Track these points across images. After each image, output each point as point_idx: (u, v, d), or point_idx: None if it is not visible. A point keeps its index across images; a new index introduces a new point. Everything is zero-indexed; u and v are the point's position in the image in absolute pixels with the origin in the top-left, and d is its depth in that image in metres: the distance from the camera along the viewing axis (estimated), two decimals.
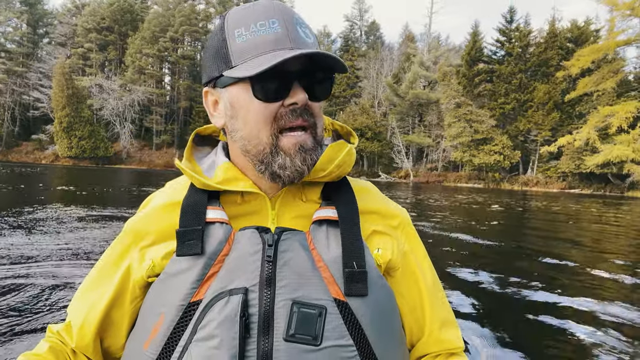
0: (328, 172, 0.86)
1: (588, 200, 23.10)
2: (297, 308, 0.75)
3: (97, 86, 61.16)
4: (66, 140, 56.37)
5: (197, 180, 0.85)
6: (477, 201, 18.01)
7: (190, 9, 65.69)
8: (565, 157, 37.95)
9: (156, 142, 62.46)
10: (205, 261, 0.79)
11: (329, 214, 0.85)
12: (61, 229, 5.90)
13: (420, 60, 52.42)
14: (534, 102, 41.82)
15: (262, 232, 0.82)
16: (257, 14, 0.80)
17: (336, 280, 0.80)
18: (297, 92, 0.79)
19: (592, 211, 15.47)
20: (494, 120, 42.68)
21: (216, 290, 0.77)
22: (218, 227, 0.82)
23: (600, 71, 37.00)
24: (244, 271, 0.78)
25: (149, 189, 15.28)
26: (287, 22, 0.79)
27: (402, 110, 51.69)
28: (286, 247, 0.80)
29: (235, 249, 0.80)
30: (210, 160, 0.94)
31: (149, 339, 0.80)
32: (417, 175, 48.04)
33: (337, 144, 0.89)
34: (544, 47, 43.68)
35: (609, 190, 36.24)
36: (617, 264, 5.40)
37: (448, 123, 43.75)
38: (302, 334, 0.74)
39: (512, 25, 47.12)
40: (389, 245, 0.89)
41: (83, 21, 66.68)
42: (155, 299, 0.83)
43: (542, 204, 19.04)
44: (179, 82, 63.60)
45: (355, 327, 0.78)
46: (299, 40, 0.79)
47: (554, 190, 37.26)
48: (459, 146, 43.61)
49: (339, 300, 0.78)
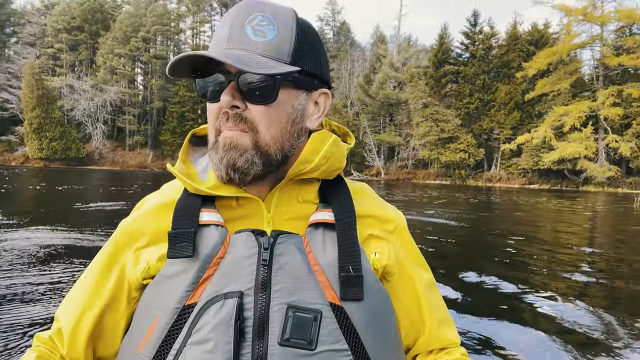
0: (315, 164, 0.84)
1: (545, 195, 24.85)
2: (293, 312, 0.75)
3: (68, 87, 60.55)
4: (37, 141, 55.72)
5: (190, 186, 0.85)
6: (443, 196, 19.38)
7: (163, 9, 65.59)
8: (525, 155, 40.06)
9: (129, 143, 62.21)
10: (200, 264, 0.79)
11: (326, 217, 0.85)
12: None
13: (390, 61, 53.94)
14: (497, 102, 43.86)
15: (258, 235, 0.81)
16: (224, 16, 0.82)
17: (332, 284, 0.79)
18: (224, 94, 0.78)
19: (546, 204, 16.98)
20: (460, 120, 44.53)
21: (211, 294, 0.77)
22: (213, 230, 0.82)
23: (557, 73, 39.17)
24: (239, 274, 0.78)
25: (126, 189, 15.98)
26: (236, 22, 0.78)
27: (374, 110, 53.11)
28: (282, 250, 0.80)
29: (231, 252, 0.80)
30: (206, 162, 0.93)
31: (143, 342, 0.80)
32: (388, 173, 49.52)
33: (319, 133, 0.87)
34: (506, 50, 45.78)
35: (566, 185, 38.47)
36: (569, 251, 6.32)
37: (416, 122, 45.43)
38: (297, 339, 0.74)
39: (476, 28, 49.07)
40: (385, 249, 0.89)
41: (53, 21, 65.77)
42: (150, 301, 0.83)
43: (502, 199, 20.54)
44: (151, 82, 63.47)
45: (351, 331, 0.78)
46: (239, 40, 0.78)
47: (515, 186, 39.25)
48: (427, 145, 45.32)
49: (334, 305, 0.78)
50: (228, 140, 0.80)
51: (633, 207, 14.49)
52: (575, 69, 39.26)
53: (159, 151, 58.83)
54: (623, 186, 34.66)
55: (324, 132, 0.88)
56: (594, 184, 35.83)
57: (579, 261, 5.53)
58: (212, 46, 0.80)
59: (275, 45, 0.78)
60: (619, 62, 36.02)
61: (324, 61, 0.88)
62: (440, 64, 47.85)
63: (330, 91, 0.87)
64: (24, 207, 9.50)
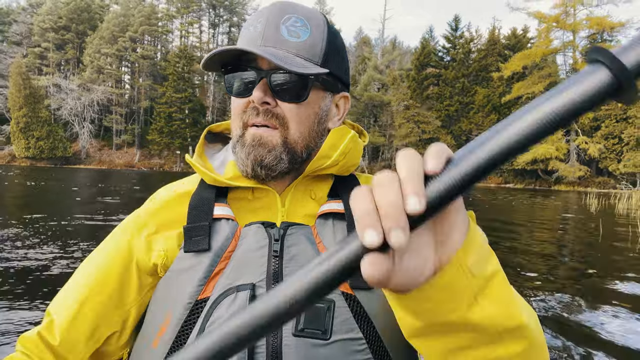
0: (334, 160, 0.84)
1: (520, 193, 26.27)
2: None
3: (55, 86, 60.77)
4: (23, 140, 55.85)
5: (208, 176, 0.85)
6: None
7: (151, 9, 66.07)
8: None
9: (116, 142, 62.54)
10: (212, 258, 0.78)
11: (335, 207, 0.84)
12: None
13: (374, 64, 55.30)
14: (475, 104, 45.56)
15: (268, 227, 0.81)
16: (254, 15, 0.83)
17: None
18: (257, 89, 0.78)
19: (523, 202, 18.34)
20: (440, 121, 46.04)
21: (224, 287, 0.76)
22: (224, 224, 0.82)
23: (532, 77, 40.86)
24: (250, 267, 0.77)
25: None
26: (270, 21, 0.79)
27: (358, 111, 54.39)
28: (292, 241, 0.79)
29: (242, 244, 0.79)
30: (222, 157, 0.93)
31: (157, 337, 0.79)
32: (372, 172, 50.72)
33: (339, 129, 0.87)
34: (484, 54, 47.45)
35: (539, 184, 40.18)
36: (543, 243, 7.16)
37: (398, 124, 46.86)
38: (311, 329, 0.73)
39: (457, 32, 50.68)
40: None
41: (39, 20, 65.87)
42: (162, 297, 0.82)
43: (483, 196, 21.92)
44: (139, 82, 63.96)
45: (364, 319, 0.76)
46: (273, 38, 0.78)
47: (492, 185, 40.86)
48: (409, 145, 46.74)
49: (346, 294, 0.77)
50: (257, 136, 0.80)
51: (587, 204, 15.82)
52: (548, 73, 40.96)
53: (146, 150, 59.30)
54: (592, 185, 36.37)
55: (343, 127, 0.88)
56: (565, 184, 37.54)
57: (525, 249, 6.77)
58: (244, 43, 0.80)
59: (309, 46, 0.80)
60: None
61: (347, 65, 0.90)
62: (423, 67, 49.34)
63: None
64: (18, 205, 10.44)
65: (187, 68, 57.58)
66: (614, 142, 36.85)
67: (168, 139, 55.50)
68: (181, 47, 63.08)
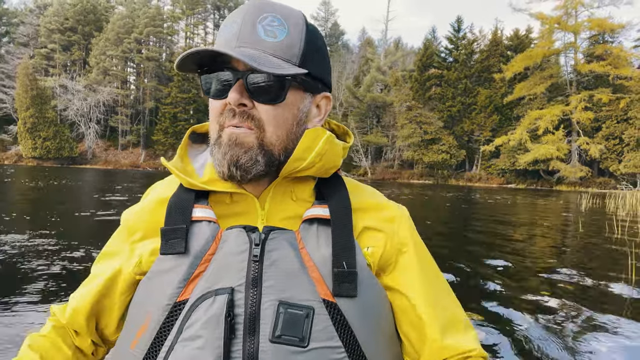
0: (309, 162, 0.82)
1: (520, 193, 26.45)
2: (284, 309, 0.73)
3: (62, 87, 61.44)
4: (30, 141, 56.42)
5: (184, 180, 0.84)
6: (419, 193, 21.05)
7: (156, 11, 66.67)
8: (503, 156, 41.98)
9: (122, 143, 63.17)
10: (191, 260, 0.78)
11: (320, 213, 0.83)
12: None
13: (377, 65, 55.64)
14: (477, 105, 45.81)
15: (250, 231, 0.79)
16: (233, 14, 0.81)
17: (325, 280, 0.77)
18: (232, 91, 0.77)
19: (518, 201, 18.70)
20: (442, 122, 46.34)
21: (202, 290, 0.76)
22: (205, 226, 0.81)
23: (533, 77, 41.11)
24: (230, 271, 0.76)
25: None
26: (247, 21, 0.77)
27: (361, 111, 54.76)
28: (274, 246, 0.78)
29: (222, 248, 0.78)
30: (204, 159, 0.92)
31: (135, 339, 0.80)
32: (374, 173, 51.20)
33: (312, 130, 0.83)
34: (487, 55, 47.72)
35: (540, 184, 40.42)
36: (541, 242, 7.28)
37: (400, 124, 47.18)
38: (288, 335, 0.72)
39: (460, 33, 50.97)
40: (380, 242, 0.86)
41: (46, 22, 66.63)
42: (142, 298, 0.83)
43: (470, 196, 22.26)
44: (144, 83, 64.57)
45: (345, 328, 0.76)
46: (250, 39, 0.77)
47: (494, 186, 41.11)
48: (411, 146, 47.10)
49: (327, 301, 0.76)
50: (233, 137, 0.79)
51: (578, 203, 16.16)
52: (549, 74, 41.19)
53: (151, 151, 59.87)
54: (593, 186, 36.58)
55: (318, 129, 0.84)
56: (566, 184, 37.77)
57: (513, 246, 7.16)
58: (220, 43, 0.79)
59: (286, 46, 0.78)
60: (589, 68, 38.10)
61: (328, 65, 0.89)
62: (425, 68, 49.66)
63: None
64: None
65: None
66: (615, 142, 37.05)
67: (173, 139, 55.99)
68: (186, 48, 63.61)
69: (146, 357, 0.78)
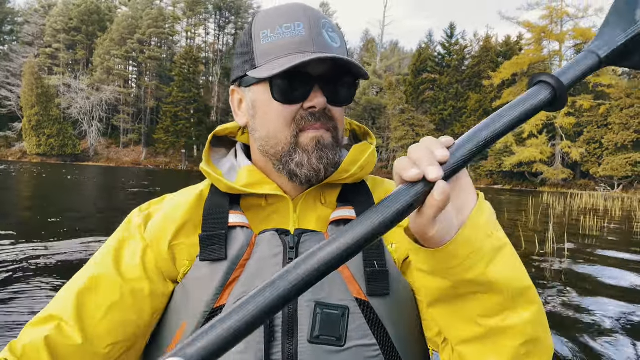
0: (351, 173, 0.85)
1: (503, 193, 28.18)
2: (321, 309, 0.74)
3: (65, 85, 62.73)
4: (35, 138, 57.62)
5: (223, 184, 0.84)
6: None
7: (158, 12, 68.04)
8: (490, 158, 43.77)
9: (123, 141, 64.32)
10: (228, 266, 0.78)
11: (346, 214, 0.84)
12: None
13: (373, 69, 57.39)
14: (468, 109, 47.65)
15: (282, 234, 0.81)
16: (284, 16, 0.79)
17: (357, 279, 0.78)
18: (316, 95, 0.78)
19: (497, 200, 20.49)
20: (434, 125, 48.11)
21: (239, 295, 0.76)
22: (239, 232, 0.81)
23: (520, 83, 42.90)
24: (265, 274, 0.77)
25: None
26: (313, 26, 0.78)
27: (357, 114, 56.47)
28: (307, 248, 0.78)
29: (256, 252, 0.79)
30: (230, 163, 0.92)
31: (172, 343, 0.79)
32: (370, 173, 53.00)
33: (360, 145, 0.89)
34: (478, 61, 49.56)
35: (525, 186, 42.16)
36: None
37: (394, 127, 48.94)
38: (326, 335, 0.73)
39: (453, 39, 52.77)
40: (403, 236, 0.79)
41: (52, 22, 68.04)
42: (178, 305, 0.82)
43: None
44: (146, 83, 65.98)
45: (378, 326, 0.77)
46: (323, 44, 0.78)
47: (482, 186, 42.80)
48: (404, 147, 48.88)
49: (360, 300, 0.77)
50: (322, 139, 0.80)
51: (547, 201, 17.86)
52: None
53: (152, 149, 61.08)
54: (574, 187, 38.35)
55: (364, 144, 0.91)
56: (549, 185, 39.53)
57: None
58: (289, 47, 0.78)
59: (343, 51, 0.81)
60: None
61: None
62: (419, 72, 51.44)
63: None
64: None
65: (192, 69, 59.51)
66: (595, 146, 38.85)
67: (174, 138, 57.27)
68: (187, 48, 65.09)
69: None
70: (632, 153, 36.11)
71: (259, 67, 0.80)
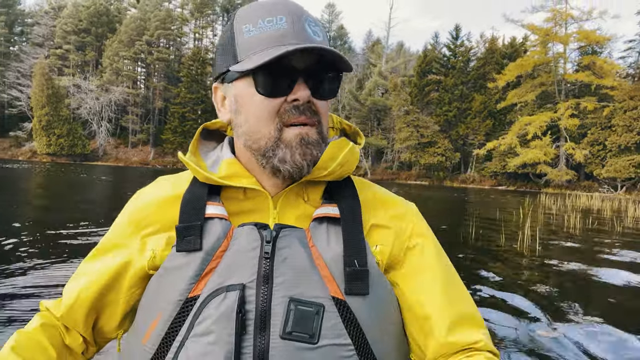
0: (330, 170, 0.84)
1: (507, 194, 28.19)
2: (295, 306, 0.74)
3: (75, 86, 63.55)
4: (45, 138, 58.29)
5: (200, 174, 0.85)
6: (412, 194, 23.19)
7: (166, 13, 68.79)
8: (495, 159, 44.04)
9: (132, 141, 65.08)
10: (203, 257, 0.78)
11: (330, 212, 0.84)
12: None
13: (379, 70, 57.77)
14: (472, 110, 47.89)
15: (261, 228, 0.80)
16: (265, 11, 0.79)
17: (335, 278, 0.78)
18: (300, 88, 0.78)
19: (507, 201, 20.80)
20: (438, 126, 48.40)
21: (213, 286, 0.76)
22: (217, 223, 0.81)
23: (524, 85, 43.15)
24: (241, 267, 0.77)
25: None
26: (295, 20, 0.78)
27: (363, 114, 56.90)
28: (285, 243, 0.79)
29: (234, 245, 0.79)
30: (216, 155, 0.92)
31: (147, 334, 0.81)
32: (374, 173, 53.37)
33: (338, 141, 0.87)
34: (483, 62, 49.84)
35: (530, 187, 42.39)
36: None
37: (398, 128, 49.29)
38: (299, 332, 0.73)
39: (458, 41, 53.08)
40: (389, 239, 0.87)
41: (62, 23, 69.01)
42: (153, 294, 0.83)
43: (458, 195, 24.31)
44: (154, 84, 66.76)
45: (354, 326, 0.76)
46: (305, 37, 0.78)
47: (486, 187, 43.08)
48: (408, 148, 49.27)
49: (337, 299, 0.76)
50: (305, 135, 0.80)
51: (544, 202, 18.21)
52: (540, 82, 43.19)
53: (160, 149, 61.77)
54: (578, 189, 38.56)
55: (342, 140, 0.89)
56: (553, 187, 39.73)
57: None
58: (272, 40, 0.77)
59: (325, 45, 0.80)
60: (576, 78, 40.18)
61: None
62: (424, 74, 51.78)
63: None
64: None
65: (200, 70, 60.21)
66: (599, 148, 38.94)
67: (181, 138, 57.85)
68: (195, 49, 65.78)
69: (157, 351, 0.78)
70: (635, 155, 36.22)
71: (241, 61, 0.79)
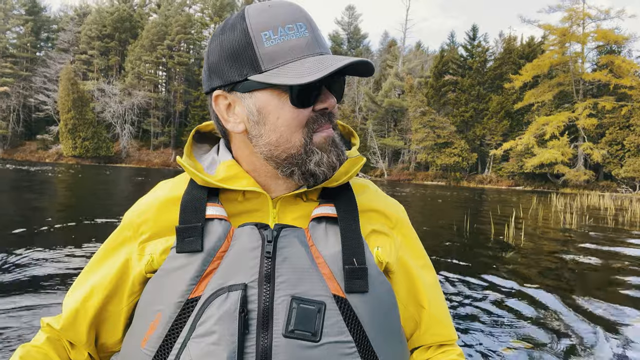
0: (339, 182, 0.87)
1: (524, 194, 28.16)
2: (297, 304, 0.74)
3: (99, 90, 65.34)
4: (71, 140, 60.06)
5: (199, 178, 0.85)
6: (427, 195, 23.54)
7: (187, 18, 70.14)
8: (512, 159, 44.02)
9: (154, 143, 66.43)
10: (204, 257, 0.78)
11: (328, 211, 0.85)
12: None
13: (395, 71, 58.11)
14: (489, 111, 47.91)
15: (261, 228, 0.81)
16: (283, 17, 0.78)
17: (335, 276, 0.79)
18: (327, 97, 0.80)
19: (525, 201, 21.09)
20: (455, 127, 48.53)
21: (215, 287, 0.76)
22: (217, 224, 0.82)
23: (542, 85, 43.06)
24: (243, 267, 0.77)
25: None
26: (312, 26, 0.79)
27: (380, 115, 57.32)
28: (285, 243, 0.79)
29: (235, 245, 0.80)
30: (211, 158, 0.93)
31: (146, 337, 0.80)
32: (390, 174, 53.74)
33: (354, 159, 0.90)
34: (500, 63, 49.81)
35: (547, 187, 42.26)
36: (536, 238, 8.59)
37: (415, 129, 49.56)
38: (301, 330, 0.73)
39: (475, 42, 53.15)
40: (387, 245, 0.90)
41: (86, 29, 70.99)
42: (152, 296, 0.82)
43: (474, 196, 24.63)
44: (175, 87, 68.18)
45: (355, 323, 0.77)
46: (323, 44, 0.79)
47: (503, 187, 43.09)
48: (425, 149, 49.51)
49: (338, 297, 0.77)
50: (332, 138, 0.83)
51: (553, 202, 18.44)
52: (557, 82, 43.04)
53: (181, 151, 61.18)
54: (596, 189, 38.37)
55: (359, 158, 0.91)
56: (570, 187, 39.58)
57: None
58: (299, 50, 0.77)
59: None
60: (593, 77, 39.96)
61: None
62: (441, 74, 51.98)
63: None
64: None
65: None
66: (617, 148, 38.67)
67: None
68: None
69: (157, 354, 0.78)
70: None
71: (267, 72, 0.77)
